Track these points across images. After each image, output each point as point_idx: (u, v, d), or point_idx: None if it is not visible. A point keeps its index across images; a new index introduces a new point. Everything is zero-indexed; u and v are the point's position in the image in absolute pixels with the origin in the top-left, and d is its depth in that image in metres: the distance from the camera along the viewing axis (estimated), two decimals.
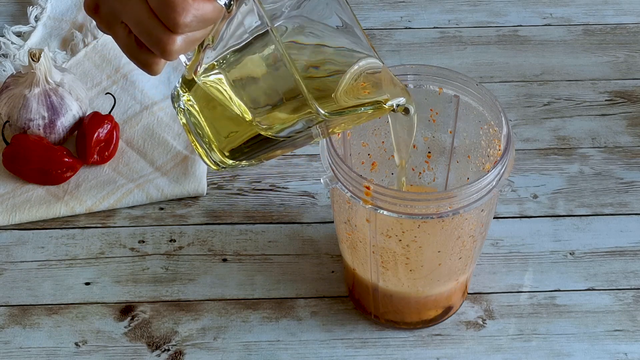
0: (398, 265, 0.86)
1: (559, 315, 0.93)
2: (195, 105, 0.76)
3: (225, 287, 0.95)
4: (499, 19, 1.23)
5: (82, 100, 1.07)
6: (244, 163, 0.78)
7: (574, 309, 0.93)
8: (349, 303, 0.94)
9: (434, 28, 1.22)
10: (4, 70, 1.14)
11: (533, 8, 1.25)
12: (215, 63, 0.73)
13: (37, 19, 1.21)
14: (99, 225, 1.00)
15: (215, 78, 0.73)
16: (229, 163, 0.78)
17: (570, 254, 0.98)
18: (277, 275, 0.96)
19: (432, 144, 0.92)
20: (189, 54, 0.73)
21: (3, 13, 1.24)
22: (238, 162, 0.78)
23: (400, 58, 1.17)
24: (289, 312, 0.93)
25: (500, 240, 0.99)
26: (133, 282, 0.96)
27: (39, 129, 1.04)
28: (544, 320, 0.92)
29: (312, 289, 0.95)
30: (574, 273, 0.96)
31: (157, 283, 0.96)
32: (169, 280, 0.96)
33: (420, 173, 0.95)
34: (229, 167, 0.78)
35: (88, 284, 0.96)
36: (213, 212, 1.02)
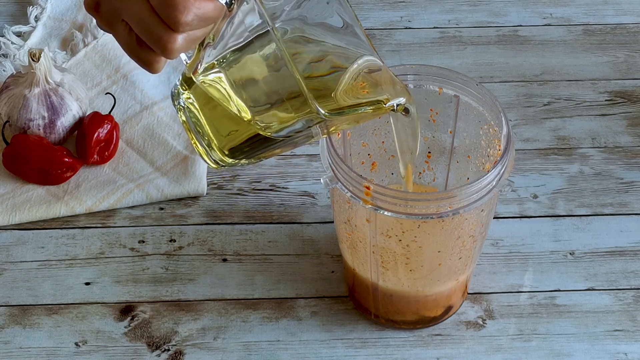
0: (398, 265, 0.86)
1: (559, 315, 0.93)
2: (195, 104, 0.76)
3: (225, 287, 0.95)
4: (499, 19, 1.23)
5: (82, 100, 1.07)
6: (244, 162, 0.78)
7: (574, 309, 0.93)
8: (349, 303, 0.94)
9: (434, 28, 1.22)
10: (4, 70, 1.14)
11: (533, 8, 1.25)
12: (216, 62, 0.73)
13: (37, 19, 1.21)
14: (99, 225, 1.00)
15: (215, 77, 0.73)
16: (229, 162, 0.78)
17: (570, 254, 0.98)
18: (277, 275, 0.96)
19: (432, 144, 0.92)
20: (190, 52, 0.73)
21: (3, 13, 1.24)
22: (237, 160, 0.78)
23: (400, 58, 1.17)
24: (289, 312, 0.93)
25: (500, 240, 0.99)
26: (133, 282, 0.96)
27: (39, 129, 1.04)
28: (544, 320, 0.92)
29: (312, 289, 0.95)
30: (574, 273, 0.96)
31: (157, 283, 0.96)
32: (169, 280, 0.96)
33: (420, 173, 0.95)
34: (229, 165, 0.78)
35: (88, 284, 0.96)
36: (213, 212, 1.02)
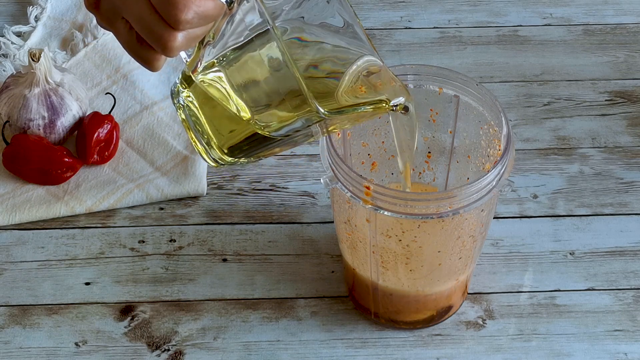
0: (398, 265, 0.86)
1: (559, 315, 0.93)
2: (195, 102, 0.76)
3: (225, 287, 0.95)
4: (499, 19, 1.23)
5: (82, 100, 1.07)
6: (243, 160, 0.78)
7: (574, 309, 0.93)
8: (349, 303, 0.94)
9: (434, 28, 1.22)
10: (4, 70, 1.14)
11: (533, 8, 1.25)
12: (215, 61, 0.73)
13: (37, 19, 1.21)
14: (99, 225, 1.00)
15: (215, 76, 0.73)
16: (228, 160, 0.78)
17: (570, 254, 0.98)
18: (277, 275, 0.96)
19: (432, 144, 0.92)
20: (190, 51, 0.73)
21: (3, 13, 1.24)
22: (237, 159, 0.78)
23: (400, 58, 1.17)
24: (289, 312, 0.93)
25: (500, 240, 0.99)
26: (133, 282, 0.96)
27: (39, 129, 1.04)
28: (544, 320, 0.92)
29: (312, 289, 0.95)
30: (574, 273, 0.96)
31: (157, 283, 0.96)
32: (169, 280, 0.96)
33: (420, 173, 0.95)
34: (228, 164, 0.78)
35: (88, 284, 0.96)
36: (213, 212, 1.02)
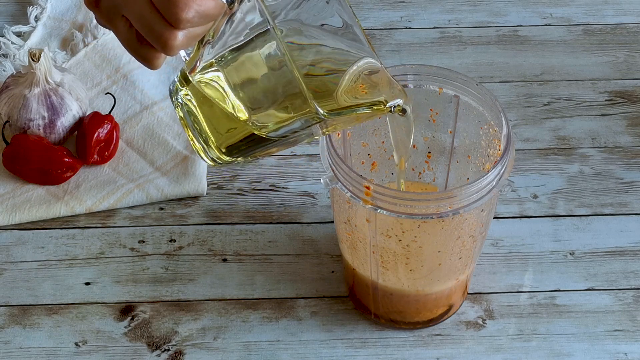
0: (398, 265, 0.86)
1: (559, 315, 0.93)
2: (193, 100, 0.76)
3: (225, 287, 0.95)
4: (499, 19, 1.23)
5: (82, 100, 1.07)
6: (240, 160, 0.78)
7: (574, 309, 0.93)
8: (349, 303, 0.94)
9: (434, 28, 1.22)
10: (4, 70, 1.14)
11: (533, 8, 1.25)
12: (214, 60, 0.73)
13: (37, 19, 1.21)
14: (99, 225, 1.00)
15: (213, 76, 0.73)
16: (225, 159, 0.78)
17: (570, 254, 0.98)
18: (277, 275, 0.96)
19: (432, 144, 0.92)
20: (189, 49, 0.73)
21: (3, 13, 1.24)
22: (234, 158, 0.78)
23: (400, 58, 1.17)
24: (289, 312, 0.93)
25: (500, 240, 0.99)
26: (133, 282, 0.96)
27: (39, 129, 1.04)
28: (544, 320, 0.92)
29: (312, 289, 0.95)
30: (574, 273, 0.96)
31: (157, 283, 0.96)
32: (169, 280, 0.96)
33: (420, 173, 0.95)
34: (225, 163, 0.78)
35: (88, 284, 0.96)
36: (213, 212, 1.02)
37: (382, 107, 0.76)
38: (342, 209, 0.86)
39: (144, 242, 0.99)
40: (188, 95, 0.76)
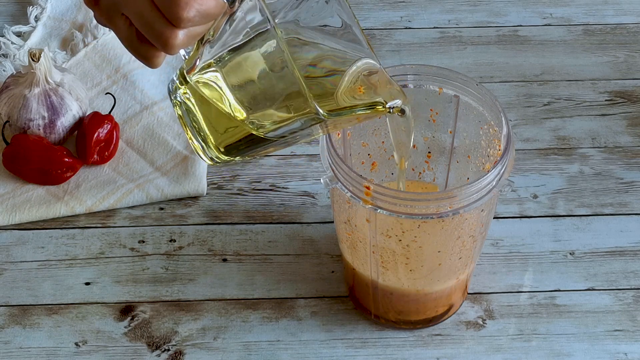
0: (398, 265, 0.86)
1: (559, 315, 0.93)
2: (192, 99, 0.76)
3: (225, 287, 0.95)
4: (499, 19, 1.23)
5: (82, 100, 1.07)
6: (238, 159, 0.78)
7: (574, 309, 0.93)
8: (349, 303, 0.94)
9: (434, 28, 1.22)
10: (4, 70, 1.14)
11: (533, 8, 1.25)
12: (213, 61, 0.73)
13: (37, 19, 1.21)
14: (99, 225, 1.00)
15: (212, 75, 0.73)
16: (224, 159, 0.78)
17: (570, 254, 0.98)
18: (277, 275, 0.96)
19: (432, 144, 0.92)
20: (189, 48, 0.73)
21: (3, 13, 1.24)
22: (232, 158, 0.78)
23: (400, 58, 1.17)
24: (289, 312, 0.93)
25: (500, 240, 0.99)
26: (133, 282, 0.96)
27: (39, 129, 1.04)
28: (544, 320, 0.92)
29: (312, 289, 0.95)
30: (574, 273, 0.96)
31: (157, 283, 0.96)
32: (169, 280, 0.96)
33: (420, 173, 0.95)
34: (223, 162, 0.78)
35: (88, 284, 0.96)
36: (213, 212, 1.02)
37: (381, 107, 0.76)
38: (342, 209, 0.86)
39: (144, 242, 0.99)
40: (187, 94, 0.76)
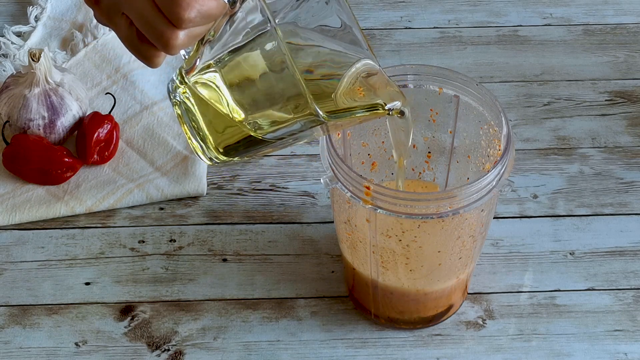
0: (398, 265, 0.86)
1: (559, 315, 0.93)
2: (191, 98, 0.76)
3: (225, 287, 0.95)
4: (499, 19, 1.23)
5: (82, 100, 1.07)
6: (237, 160, 0.78)
7: (574, 309, 0.93)
8: (349, 303, 0.94)
9: (434, 28, 1.22)
10: (4, 70, 1.14)
11: (533, 8, 1.25)
12: (212, 62, 0.73)
13: (37, 19, 1.21)
14: (99, 225, 1.00)
15: (211, 76, 0.73)
16: (222, 159, 0.78)
17: (570, 254, 0.98)
18: (277, 275, 0.96)
19: (432, 144, 0.92)
20: (189, 48, 0.73)
21: (3, 13, 1.24)
22: (231, 158, 0.78)
23: (400, 58, 1.17)
24: (289, 312, 0.93)
25: (500, 240, 0.99)
26: (133, 282, 0.96)
27: (39, 129, 1.04)
28: (544, 320, 0.92)
29: (312, 289, 0.95)
30: (574, 273, 0.96)
31: (157, 283, 0.96)
32: (169, 280, 0.96)
33: (420, 173, 0.95)
34: (222, 162, 0.78)
35: (88, 284, 0.96)
36: (213, 212, 1.02)
37: (380, 110, 0.76)
38: (342, 209, 0.86)
39: (144, 242, 0.99)
40: (186, 94, 0.76)
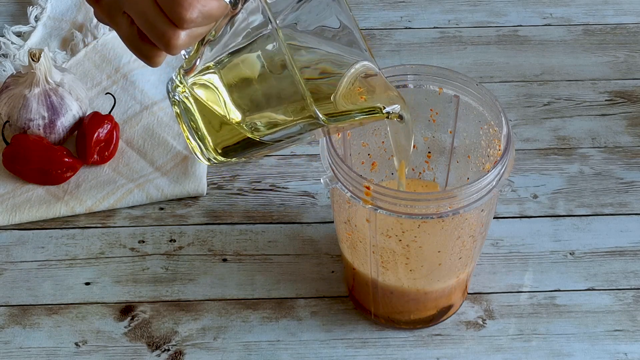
0: (398, 265, 0.86)
1: (559, 315, 0.93)
2: (190, 98, 0.76)
3: (225, 287, 0.95)
4: (499, 19, 1.23)
5: (82, 100, 1.07)
6: (235, 160, 0.78)
7: (574, 309, 0.93)
8: (349, 303, 0.94)
9: (434, 28, 1.22)
10: (4, 70, 1.14)
11: (533, 8, 1.25)
12: (212, 64, 0.73)
13: (37, 19, 1.21)
14: (99, 225, 1.00)
15: (210, 77, 0.73)
16: (220, 159, 0.78)
17: (570, 254, 0.98)
18: (277, 275, 0.96)
19: (432, 144, 0.92)
20: (189, 47, 0.73)
21: (3, 13, 1.24)
22: (229, 159, 0.78)
23: (400, 58, 1.17)
24: (289, 312, 0.93)
25: (500, 240, 0.99)
26: (133, 282, 0.96)
27: (39, 129, 1.04)
28: (544, 320, 0.92)
29: (312, 289, 0.95)
30: (574, 273, 0.96)
31: (157, 283, 0.96)
32: (169, 280, 0.96)
33: (420, 173, 0.95)
34: (220, 162, 0.78)
35: (88, 284, 0.96)
36: (213, 212, 1.02)
37: (379, 113, 0.76)
38: (342, 209, 0.86)
39: (144, 242, 0.99)
40: (185, 93, 0.76)
